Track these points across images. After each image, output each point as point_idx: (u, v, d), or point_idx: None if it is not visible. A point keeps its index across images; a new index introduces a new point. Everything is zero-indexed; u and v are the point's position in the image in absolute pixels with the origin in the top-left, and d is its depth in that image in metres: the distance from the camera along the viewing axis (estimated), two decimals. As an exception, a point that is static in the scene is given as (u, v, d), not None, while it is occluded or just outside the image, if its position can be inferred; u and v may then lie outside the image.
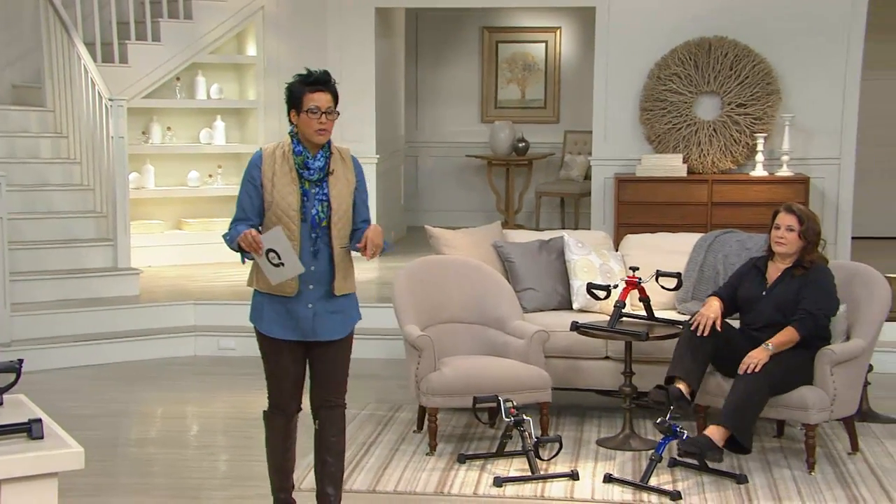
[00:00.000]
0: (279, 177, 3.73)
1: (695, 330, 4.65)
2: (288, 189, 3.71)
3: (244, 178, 3.78)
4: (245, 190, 3.76)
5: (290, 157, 3.74)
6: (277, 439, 3.94)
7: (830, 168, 8.18)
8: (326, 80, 3.75)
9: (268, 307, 3.80)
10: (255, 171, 3.75)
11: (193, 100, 8.71)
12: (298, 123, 3.74)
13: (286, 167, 3.74)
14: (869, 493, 4.34)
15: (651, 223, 7.34)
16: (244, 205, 3.76)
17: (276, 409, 3.91)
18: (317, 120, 3.70)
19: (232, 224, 3.78)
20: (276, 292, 3.75)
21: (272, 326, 3.80)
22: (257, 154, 3.80)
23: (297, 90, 3.73)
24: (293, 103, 3.74)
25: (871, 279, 4.87)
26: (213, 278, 7.93)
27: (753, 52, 8.12)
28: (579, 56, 10.72)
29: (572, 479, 4.48)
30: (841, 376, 4.58)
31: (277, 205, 3.71)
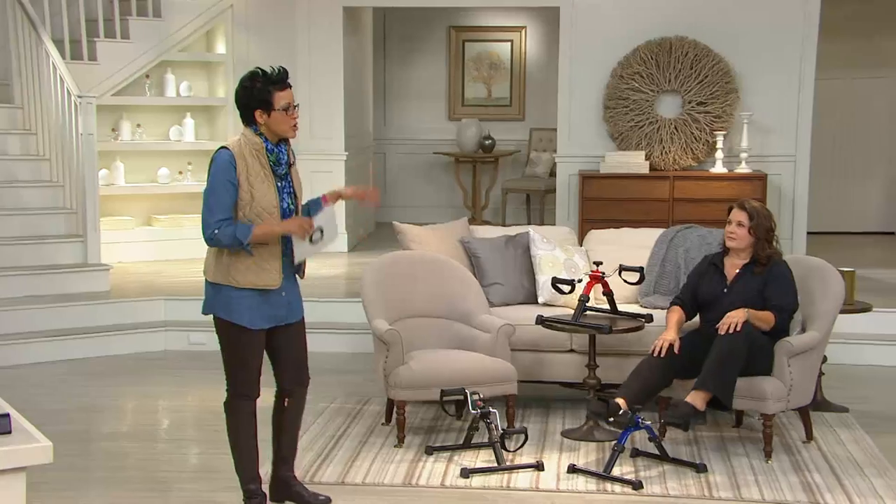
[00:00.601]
0: (254, 176, 3.76)
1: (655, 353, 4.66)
2: (265, 187, 3.78)
3: (220, 177, 3.75)
4: (225, 189, 3.74)
5: (263, 155, 3.79)
6: (247, 426, 3.98)
7: (786, 165, 8.28)
8: (287, 76, 3.81)
9: (246, 300, 3.83)
10: (232, 170, 3.74)
11: (163, 97, 8.65)
12: (269, 122, 3.77)
13: (258, 166, 3.77)
14: (822, 479, 4.41)
15: (614, 219, 7.38)
16: (226, 204, 3.75)
17: (243, 397, 3.96)
18: (290, 116, 3.77)
19: (221, 224, 3.73)
20: (257, 286, 3.82)
21: (252, 317, 3.84)
22: (227, 153, 3.77)
23: (264, 90, 3.74)
24: (259, 104, 3.75)
25: (826, 273, 4.93)
26: (184, 274, 7.87)
27: (713, 52, 8.19)
28: (544, 55, 10.75)
29: (538, 469, 4.50)
30: (797, 367, 4.64)
31: (258, 203, 3.76)
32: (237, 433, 3.99)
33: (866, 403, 5.50)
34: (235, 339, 3.89)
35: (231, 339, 3.90)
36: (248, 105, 3.77)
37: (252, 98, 3.75)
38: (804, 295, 4.85)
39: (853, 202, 10.33)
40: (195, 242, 8.51)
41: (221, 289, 3.85)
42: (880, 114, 10.26)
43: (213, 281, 3.88)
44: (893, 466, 4.55)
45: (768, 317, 4.63)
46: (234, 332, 3.87)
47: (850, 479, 4.41)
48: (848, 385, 5.76)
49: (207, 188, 3.80)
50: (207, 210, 3.76)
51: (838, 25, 9.42)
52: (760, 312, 4.63)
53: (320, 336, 6.66)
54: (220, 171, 3.75)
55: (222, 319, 3.88)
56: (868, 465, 4.57)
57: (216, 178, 3.76)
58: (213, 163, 3.80)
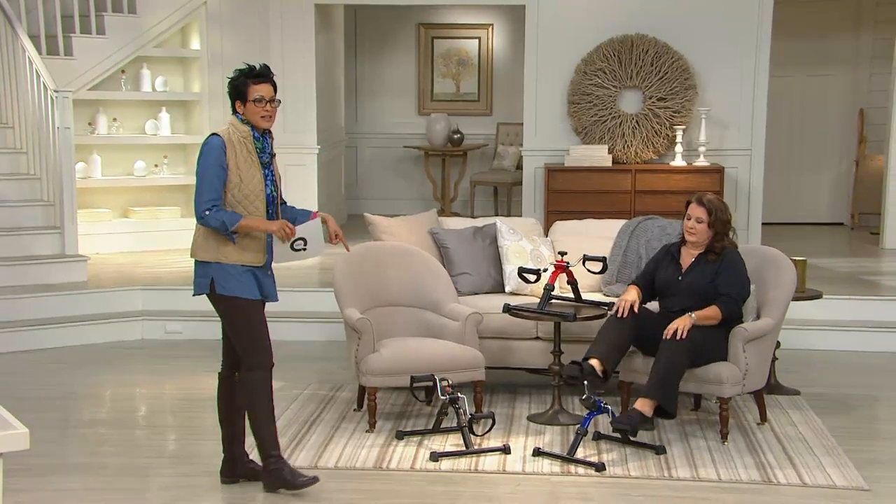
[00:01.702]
0: (242, 161, 3.95)
1: (617, 314, 4.72)
2: (252, 172, 3.96)
3: (212, 161, 3.91)
4: (216, 174, 3.90)
5: (250, 142, 3.98)
6: (267, 396, 4.07)
7: (742, 158, 8.35)
8: (266, 72, 4.01)
9: (245, 276, 3.98)
10: (223, 155, 3.92)
11: (139, 92, 8.56)
12: (245, 112, 3.98)
13: (245, 152, 3.97)
14: (775, 459, 4.46)
15: (579, 210, 7.41)
16: (217, 186, 3.91)
17: (259, 368, 4.04)
18: (262, 108, 3.96)
19: (212, 206, 3.89)
20: (248, 263, 3.98)
21: (253, 290, 4.01)
22: (219, 139, 3.95)
23: (241, 83, 3.97)
24: (238, 95, 3.99)
25: (779, 262, 4.99)
26: (160, 264, 7.82)
27: (672, 50, 8.23)
28: (510, 52, 10.75)
29: (504, 453, 4.52)
30: (752, 353, 4.69)
31: (246, 186, 3.94)
32: (258, 404, 4.04)
33: (816, 386, 5.57)
34: (241, 313, 3.99)
35: (238, 312, 4.00)
36: (231, 95, 4.01)
37: (233, 89, 3.99)
38: (759, 283, 4.90)
39: (805, 194, 10.44)
40: (171, 234, 8.63)
41: (211, 266, 3.96)
42: (830, 109, 10.37)
43: (202, 259, 3.99)
44: (840, 445, 4.61)
45: (713, 313, 4.66)
46: (239, 306, 3.98)
47: (800, 457, 4.47)
48: (799, 369, 5.83)
49: (199, 170, 3.95)
50: (200, 191, 3.92)
51: (791, 25, 9.51)
52: (705, 311, 4.65)
53: (294, 325, 6.66)
54: (212, 154, 3.92)
55: (224, 296, 3.97)
56: (817, 444, 4.64)
57: (207, 161, 3.93)
58: (205, 147, 3.96)
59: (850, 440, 4.71)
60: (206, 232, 3.97)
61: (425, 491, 4.14)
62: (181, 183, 8.86)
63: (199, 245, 4.01)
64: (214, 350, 6.39)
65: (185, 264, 7.88)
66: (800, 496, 4.09)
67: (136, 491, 4.19)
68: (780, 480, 4.23)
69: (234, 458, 4.18)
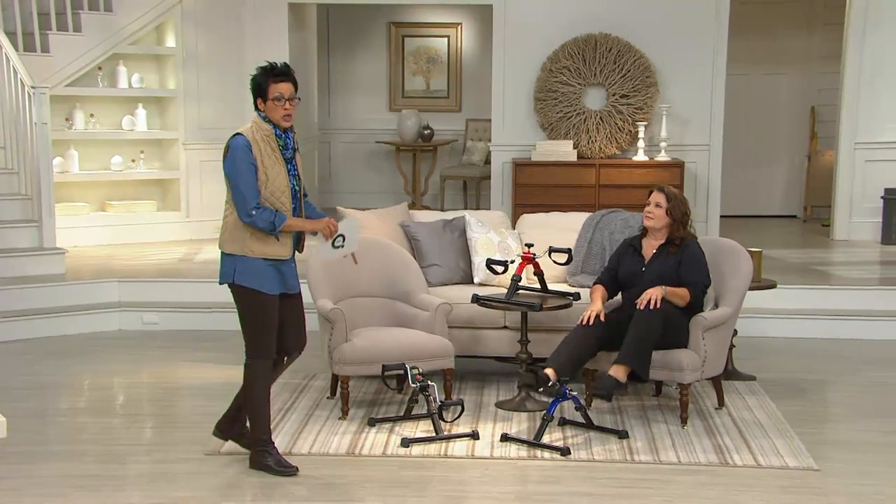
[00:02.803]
0: (267, 159, 3.94)
1: (583, 324, 4.72)
2: (278, 169, 3.97)
3: (243, 161, 3.90)
4: (250, 171, 3.91)
5: (273, 140, 3.97)
6: (264, 384, 4.12)
7: (702, 153, 8.41)
8: (287, 71, 4.01)
9: (268, 270, 4.01)
10: (250, 154, 3.92)
11: (115, 88, 8.48)
12: (266, 109, 3.98)
13: (269, 150, 3.96)
14: (731, 442, 4.51)
15: (545, 204, 7.42)
16: (255, 185, 3.92)
17: (262, 358, 4.09)
18: (282, 107, 3.96)
19: (256, 209, 3.90)
20: (273, 256, 4.00)
21: (273, 285, 4.03)
22: (243, 139, 3.94)
23: (263, 81, 3.97)
24: (259, 93, 3.98)
25: (736, 253, 5.03)
26: (137, 257, 7.75)
27: (634, 49, 8.27)
28: (479, 50, 10.75)
29: (473, 438, 4.53)
30: (711, 340, 4.73)
31: (273, 183, 3.94)
32: (255, 391, 4.10)
33: (771, 372, 5.63)
34: (257, 305, 4.02)
35: (253, 305, 4.03)
36: (253, 93, 4.01)
37: (255, 87, 4.00)
38: (717, 274, 4.95)
39: (760, 188, 10.55)
40: (148, 227, 8.57)
41: (237, 259, 3.99)
42: (783, 107, 10.47)
43: (229, 252, 4.03)
44: (793, 428, 4.67)
45: (684, 292, 4.71)
46: (256, 298, 4.01)
47: (755, 440, 4.52)
48: (755, 356, 5.89)
49: (234, 172, 3.92)
50: (241, 194, 3.91)
51: (746, 25, 9.59)
52: (676, 288, 4.71)
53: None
54: (241, 154, 3.91)
55: (244, 287, 4.01)
56: (772, 427, 4.69)
57: (238, 162, 3.91)
58: (232, 148, 3.94)
59: (802, 423, 4.77)
60: (234, 225, 3.99)
61: (397, 476, 4.15)
62: (157, 177, 8.79)
63: (226, 237, 4.04)
64: (191, 340, 6.40)
65: (161, 256, 7.83)
66: (754, 477, 4.14)
67: (114, 478, 4.16)
68: (736, 462, 4.28)
69: (237, 419, 4.27)
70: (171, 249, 8.17)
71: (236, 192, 3.93)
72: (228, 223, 4.03)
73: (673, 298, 4.67)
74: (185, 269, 7.40)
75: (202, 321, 6.68)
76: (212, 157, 8.84)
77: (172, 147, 8.77)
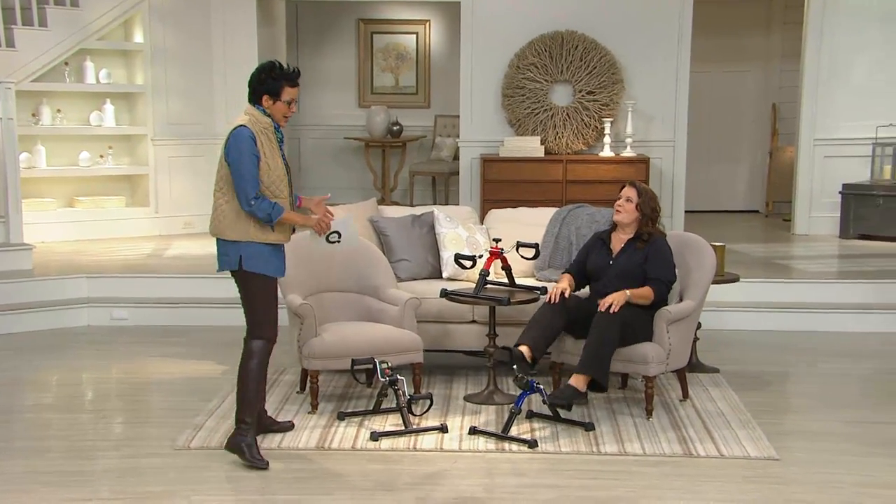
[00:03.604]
0: (268, 151, 4.06)
1: (550, 302, 4.74)
2: (276, 161, 4.09)
3: (246, 152, 3.98)
4: (252, 163, 4.00)
5: (271, 132, 4.10)
6: (262, 366, 4.20)
7: (666, 149, 8.46)
8: (299, 76, 4.15)
9: (273, 254, 4.14)
10: (255, 145, 4.01)
11: (82, 83, 8.36)
12: (272, 108, 4.09)
13: (268, 142, 4.08)
14: (695, 433, 4.54)
15: (513, 199, 7.44)
16: (256, 176, 4.01)
17: (265, 340, 4.19)
18: (289, 109, 4.12)
19: (255, 199, 3.99)
20: (274, 242, 4.12)
21: (278, 268, 4.17)
22: (248, 130, 4.02)
23: (278, 82, 4.07)
24: (269, 91, 4.07)
25: (700, 248, 5.06)
26: (106, 253, 7.66)
27: (600, 46, 8.30)
28: (447, 47, 10.73)
29: (442, 432, 4.53)
30: (675, 333, 4.76)
31: (273, 173, 4.06)
32: (251, 371, 4.17)
33: (734, 364, 5.68)
34: (263, 289, 4.14)
35: (261, 288, 4.13)
36: (258, 90, 4.07)
37: (265, 85, 4.06)
38: (681, 268, 4.98)
39: (724, 184, 10.64)
40: (116, 223, 8.47)
41: (241, 245, 4.08)
42: (745, 104, 10.57)
43: (230, 239, 4.09)
44: (755, 419, 4.71)
45: (647, 293, 4.73)
46: (262, 282, 4.12)
47: (718, 431, 4.56)
48: (719, 348, 5.94)
49: (238, 161, 3.99)
50: (243, 183, 3.99)
51: (709, 24, 9.66)
52: (639, 290, 4.72)
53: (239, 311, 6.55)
54: (246, 146, 3.99)
55: (253, 273, 4.10)
56: (734, 418, 4.73)
57: (242, 152, 3.99)
58: (236, 139, 4.00)
59: (764, 414, 4.81)
60: (236, 213, 4.05)
61: (366, 469, 4.13)
62: (126, 173, 8.69)
63: (227, 225, 4.08)
64: (160, 336, 6.34)
65: (130, 252, 7.75)
66: (717, 467, 4.17)
67: (82, 474, 4.10)
68: (700, 453, 4.31)
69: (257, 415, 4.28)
70: (140, 245, 8.08)
71: (239, 180, 4.01)
72: (225, 211, 4.08)
73: (638, 301, 4.69)
74: (155, 264, 7.32)
75: (171, 317, 6.62)
76: (181, 153, 8.77)
77: (141, 143, 8.67)
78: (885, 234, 8.29)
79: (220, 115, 8.80)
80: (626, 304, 4.65)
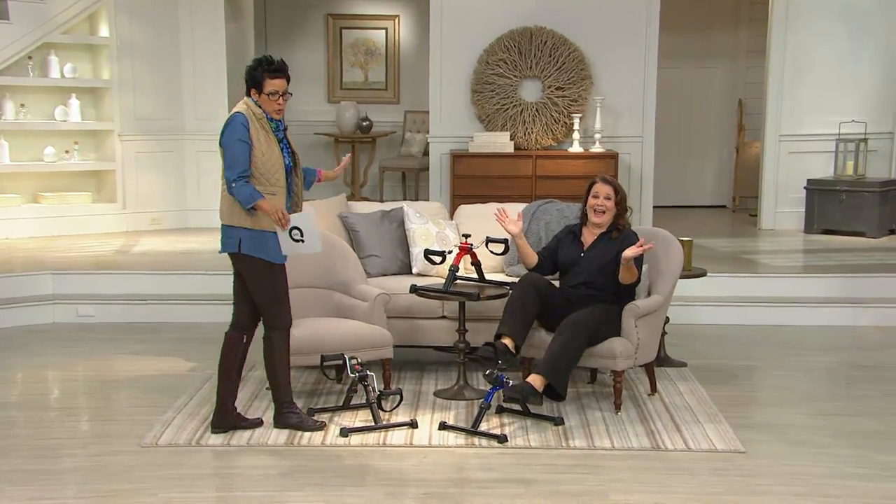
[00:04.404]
0: (261, 138, 4.16)
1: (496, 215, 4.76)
2: (271, 148, 4.18)
3: (236, 136, 4.10)
4: (240, 148, 4.11)
5: (265, 122, 4.20)
6: (286, 352, 4.36)
7: (635, 145, 8.51)
8: (283, 67, 4.20)
9: (270, 241, 4.21)
10: (246, 132, 4.13)
11: (47, 78, 8.24)
12: (260, 101, 4.19)
13: (262, 130, 4.17)
14: (663, 426, 4.58)
15: (482, 194, 7.43)
16: (240, 160, 4.11)
17: (283, 327, 4.33)
18: (275, 101, 4.19)
19: (239, 178, 4.10)
20: (268, 229, 4.18)
21: (276, 253, 4.23)
22: (242, 116, 4.14)
23: (259, 75, 4.17)
24: (254, 84, 4.18)
25: (668, 242, 5.09)
26: (72, 249, 7.56)
27: (569, 41, 8.32)
28: (416, 42, 10.71)
29: (412, 427, 4.52)
30: (643, 328, 4.79)
31: (268, 160, 4.16)
32: (276, 360, 4.33)
33: (702, 358, 5.73)
34: (265, 274, 4.23)
35: (262, 273, 4.23)
36: (247, 83, 4.21)
37: (250, 77, 4.19)
38: (650, 262, 5.01)
39: (691, 179, 10.73)
40: (83, 219, 8.37)
41: (239, 230, 4.18)
42: (713, 100, 10.66)
43: (228, 223, 4.22)
44: (722, 412, 4.76)
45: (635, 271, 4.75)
46: (265, 268, 4.22)
47: (686, 425, 4.59)
48: (686, 342, 5.99)
49: (225, 145, 4.14)
50: (228, 164, 4.13)
51: (677, 20, 9.72)
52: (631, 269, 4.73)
53: (208, 307, 6.53)
54: (236, 130, 4.11)
55: (251, 256, 4.20)
56: (701, 412, 4.77)
57: (232, 136, 4.12)
58: (228, 124, 4.15)
59: (730, 407, 4.86)
60: (231, 199, 4.16)
61: (336, 466, 4.12)
62: (92, 169, 8.59)
63: (225, 210, 4.22)
64: (127, 333, 6.27)
65: (97, 248, 7.66)
66: (685, 460, 4.20)
67: (48, 472, 4.05)
68: (668, 446, 4.34)
69: (227, 410, 4.40)
70: (107, 241, 7.99)
71: (225, 162, 4.14)
72: (226, 196, 4.19)
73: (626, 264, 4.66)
74: (122, 261, 7.24)
75: (139, 313, 6.55)
76: (149, 149, 8.68)
77: (108, 138, 8.57)
78: (847, 229, 8.41)
79: (188, 110, 8.72)
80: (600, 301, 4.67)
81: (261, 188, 4.16)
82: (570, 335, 4.58)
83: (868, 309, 6.56)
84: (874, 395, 5.12)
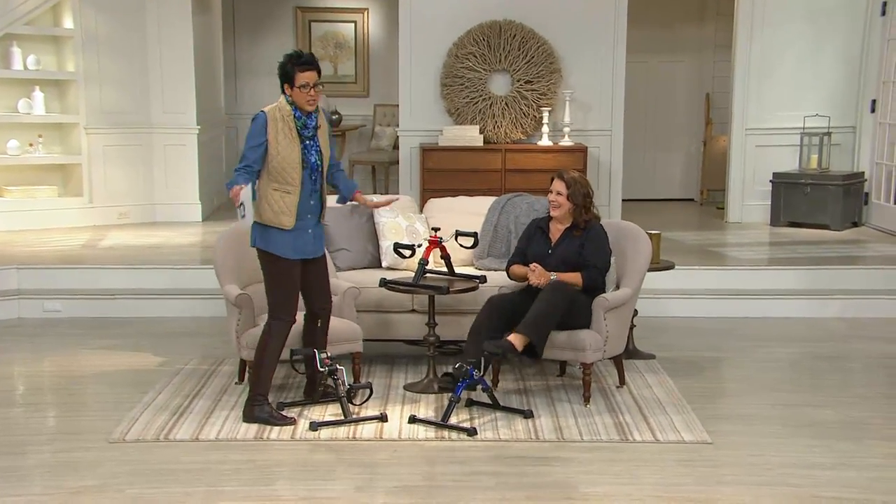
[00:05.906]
0: (282, 136, 4.29)
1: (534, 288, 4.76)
2: (290, 146, 4.31)
3: (252, 134, 4.29)
4: (250, 146, 4.30)
5: (291, 120, 4.33)
6: (280, 345, 4.44)
7: (604, 138, 8.55)
8: (312, 60, 4.34)
9: (278, 236, 4.36)
10: (263, 132, 4.29)
11: (9, 70, 8.11)
12: (293, 95, 4.33)
13: (286, 129, 4.31)
14: (632, 419, 4.61)
15: (452, 188, 7.45)
16: (249, 157, 4.28)
17: (278, 319, 4.41)
18: (307, 93, 4.31)
19: (238, 170, 4.27)
20: (276, 225, 4.35)
21: (286, 250, 4.37)
22: (263, 117, 4.31)
23: (290, 69, 4.31)
24: (286, 79, 4.33)
25: (637, 236, 5.13)
26: (37, 243, 7.46)
27: (538, 35, 8.34)
28: (386, 36, 10.68)
29: (381, 421, 4.52)
30: (612, 321, 4.82)
31: (284, 159, 4.29)
32: (267, 348, 4.42)
33: (670, 350, 5.78)
34: (276, 268, 4.38)
35: (272, 267, 4.39)
36: (281, 80, 4.35)
37: (282, 73, 4.34)
38: (618, 255, 5.04)
39: (659, 172, 10.80)
40: (48, 213, 8.27)
41: (256, 226, 4.38)
42: (680, 94, 10.74)
43: (255, 220, 4.38)
44: (689, 404, 4.80)
45: (575, 280, 4.79)
46: (274, 262, 4.38)
47: (654, 417, 4.63)
48: (655, 335, 6.03)
49: (246, 139, 4.34)
50: (241, 155, 4.34)
51: (644, 14, 9.77)
52: (568, 276, 4.78)
53: (176, 301, 6.50)
54: (256, 128, 4.30)
55: (262, 250, 4.40)
56: (670, 404, 4.81)
57: (249, 134, 4.32)
58: (252, 122, 4.33)
59: (698, 399, 4.91)
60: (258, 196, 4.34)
61: (306, 459, 4.11)
62: (58, 162, 8.47)
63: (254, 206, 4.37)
64: (95, 328, 6.21)
65: (63, 243, 7.56)
66: (653, 452, 4.24)
67: (13, 469, 4.00)
68: (636, 438, 4.37)
69: (313, 379, 4.64)
70: (73, 236, 7.89)
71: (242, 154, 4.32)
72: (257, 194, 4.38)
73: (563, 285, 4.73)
74: (89, 255, 7.17)
75: (106, 308, 6.49)
76: (116, 142, 8.58)
77: (73, 131, 8.46)
78: (812, 222, 8.51)
79: (156, 103, 8.63)
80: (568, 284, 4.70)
81: (276, 185, 4.32)
82: (551, 297, 4.62)
83: (832, 301, 6.65)
84: (837, 386, 5.20)
